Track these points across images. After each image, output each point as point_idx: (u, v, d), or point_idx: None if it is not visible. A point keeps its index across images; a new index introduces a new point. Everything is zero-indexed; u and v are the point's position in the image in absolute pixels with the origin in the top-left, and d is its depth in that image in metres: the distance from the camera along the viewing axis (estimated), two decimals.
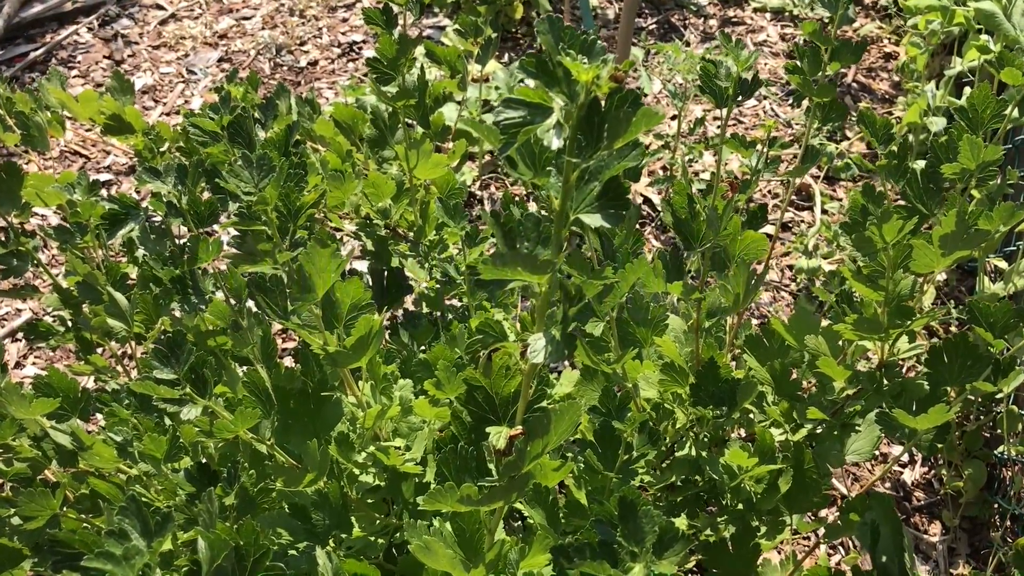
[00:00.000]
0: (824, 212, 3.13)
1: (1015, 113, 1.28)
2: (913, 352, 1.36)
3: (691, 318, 1.47)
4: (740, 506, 1.49)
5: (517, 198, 2.45)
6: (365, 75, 3.80)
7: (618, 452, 1.32)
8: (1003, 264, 2.60)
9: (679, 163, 3.15)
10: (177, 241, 1.66)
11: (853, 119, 3.52)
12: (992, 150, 1.21)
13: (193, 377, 1.15)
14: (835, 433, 1.44)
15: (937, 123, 2.45)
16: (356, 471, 1.49)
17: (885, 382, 1.36)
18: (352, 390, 1.37)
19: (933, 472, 2.52)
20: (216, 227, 3.03)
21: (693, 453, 1.50)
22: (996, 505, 2.36)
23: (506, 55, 3.82)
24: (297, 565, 1.27)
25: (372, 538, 1.48)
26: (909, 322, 1.28)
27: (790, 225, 3.16)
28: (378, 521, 1.49)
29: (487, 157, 3.42)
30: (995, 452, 2.41)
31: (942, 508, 2.42)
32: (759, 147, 1.84)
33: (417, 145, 1.83)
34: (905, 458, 2.56)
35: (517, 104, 0.79)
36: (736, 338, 1.92)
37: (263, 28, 4.03)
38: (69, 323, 1.86)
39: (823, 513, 2.29)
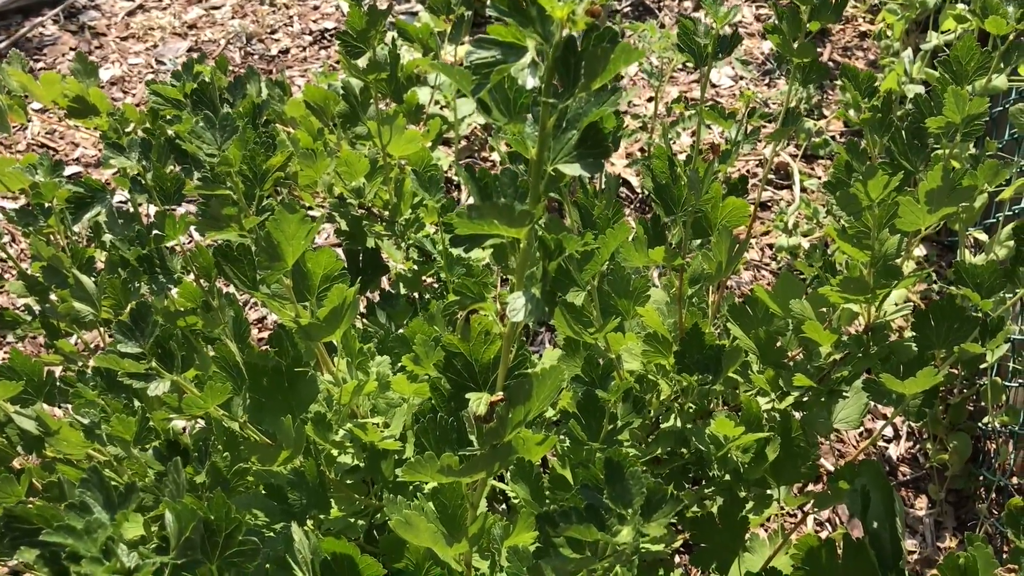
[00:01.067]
0: (803, 190, 3.12)
1: (998, 71, 1.26)
2: (900, 313, 1.33)
3: (673, 286, 1.44)
4: (727, 477, 1.46)
5: None
6: (337, 62, 3.75)
7: (602, 423, 1.29)
8: (983, 236, 2.59)
9: (660, 130, 3.12)
10: (144, 221, 1.61)
11: (830, 98, 3.51)
12: (978, 102, 1.18)
13: (159, 352, 1.10)
14: (822, 400, 1.42)
15: (915, 90, 2.44)
16: (334, 452, 1.45)
17: (872, 345, 1.34)
18: (327, 367, 1.33)
19: (918, 447, 2.51)
20: (182, 209, 2.97)
21: (679, 424, 1.47)
22: (981, 477, 2.35)
23: None
24: (274, 546, 1.23)
25: (352, 519, 1.44)
26: (896, 282, 1.25)
27: (769, 204, 3.14)
28: (358, 502, 1.45)
29: (463, 143, 3.38)
30: (979, 423, 2.40)
31: (928, 482, 2.41)
32: (738, 118, 1.82)
33: (390, 120, 1.78)
34: (890, 433, 2.54)
35: (489, 44, 0.75)
36: (718, 312, 1.89)
37: (233, 17, 3.96)
38: (36, 311, 1.80)
39: (810, 488, 2.27)
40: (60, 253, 1.56)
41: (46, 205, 1.59)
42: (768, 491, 1.58)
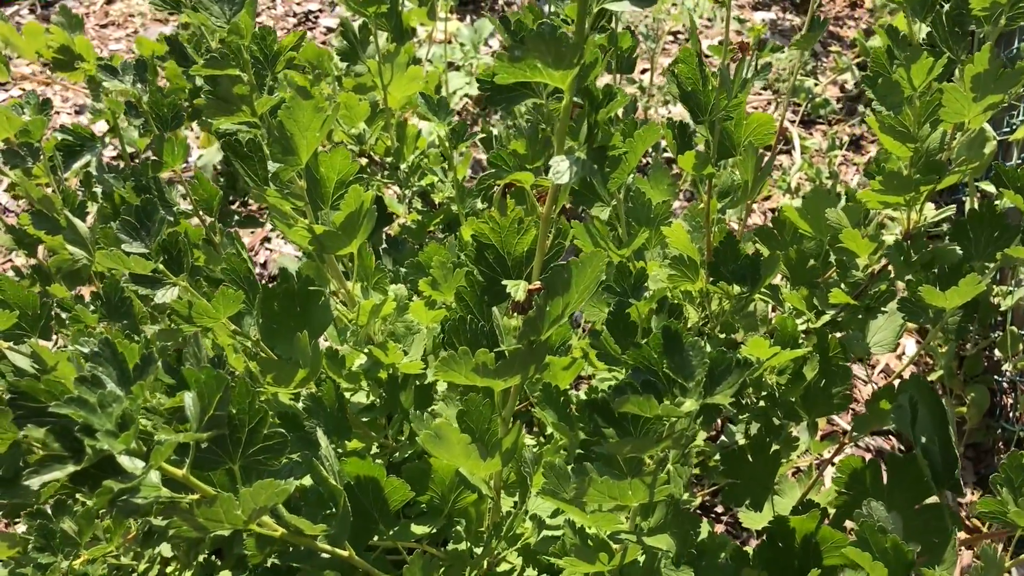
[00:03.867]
0: (803, 152, 3.07)
1: None
2: (941, 217, 1.27)
3: (701, 202, 1.37)
4: (761, 403, 1.39)
5: None
6: (322, 43, 3.68)
7: (634, 338, 1.22)
8: (991, 188, 2.54)
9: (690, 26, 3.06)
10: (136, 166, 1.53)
11: (825, 64, 3.47)
12: None
13: (166, 257, 1.02)
14: (859, 317, 1.35)
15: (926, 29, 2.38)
16: (348, 391, 1.37)
17: (912, 253, 1.28)
18: (342, 284, 1.25)
19: None
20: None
21: (708, 349, 1.40)
22: (1000, 430, 2.29)
23: (467, 17, 3.73)
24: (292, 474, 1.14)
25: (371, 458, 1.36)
26: (939, 178, 1.19)
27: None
28: (374, 439, 1.37)
29: (455, 118, 3.32)
30: (996, 376, 2.35)
31: None
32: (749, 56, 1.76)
33: (392, 58, 1.71)
34: None
35: None
36: None
37: None
38: (26, 268, 1.72)
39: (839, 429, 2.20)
40: (51, 194, 1.48)
41: (35, 145, 1.51)
42: (797, 427, 1.51)
